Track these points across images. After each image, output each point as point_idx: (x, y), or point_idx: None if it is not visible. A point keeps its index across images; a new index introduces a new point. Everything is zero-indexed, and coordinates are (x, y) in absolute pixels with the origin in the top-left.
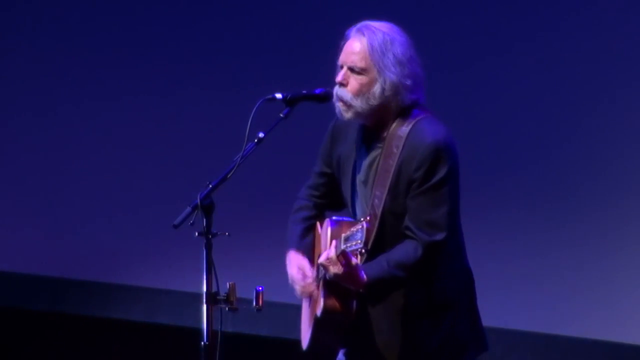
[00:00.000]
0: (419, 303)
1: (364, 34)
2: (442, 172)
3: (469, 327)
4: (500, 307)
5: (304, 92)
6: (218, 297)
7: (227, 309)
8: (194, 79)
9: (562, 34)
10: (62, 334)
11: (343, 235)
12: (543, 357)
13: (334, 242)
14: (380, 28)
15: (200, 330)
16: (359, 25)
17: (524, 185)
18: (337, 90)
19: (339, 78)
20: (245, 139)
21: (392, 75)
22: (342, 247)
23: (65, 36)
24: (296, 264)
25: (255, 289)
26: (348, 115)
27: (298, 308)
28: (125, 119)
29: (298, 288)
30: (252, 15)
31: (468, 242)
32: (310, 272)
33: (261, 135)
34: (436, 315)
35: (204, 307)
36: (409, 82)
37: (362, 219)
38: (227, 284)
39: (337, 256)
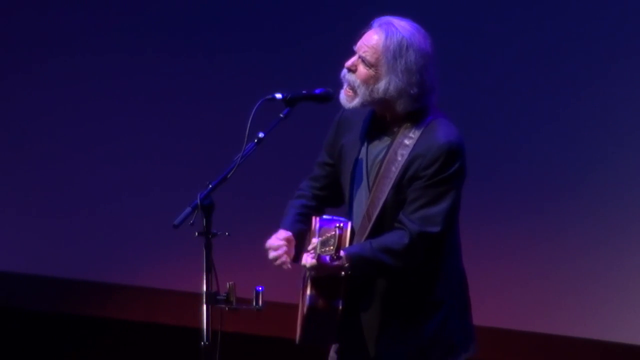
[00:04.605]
0: (411, 301)
1: (383, 30)
2: (449, 171)
3: (460, 326)
4: (498, 307)
5: (304, 92)
6: (218, 297)
7: (227, 309)
8: (193, 79)
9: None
10: (62, 334)
11: (320, 239)
12: (540, 357)
13: (313, 240)
14: (402, 29)
15: (200, 330)
16: (384, 19)
17: (522, 185)
18: (345, 74)
19: (348, 63)
20: (245, 138)
21: (398, 80)
22: (319, 251)
23: (64, 36)
24: (276, 235)
25: (255, 289)
26: (353, 102)
27: (298, 308)
28: (125, 119)
29: (271, 253)
30: (252, 14)
31: (465, 241)
32: (283, 242)
33: (261, 135)
34: (427, 313)
35: (204, 307)
36: (414, 91)
37: (337, 224)
38: (227, 284)
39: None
